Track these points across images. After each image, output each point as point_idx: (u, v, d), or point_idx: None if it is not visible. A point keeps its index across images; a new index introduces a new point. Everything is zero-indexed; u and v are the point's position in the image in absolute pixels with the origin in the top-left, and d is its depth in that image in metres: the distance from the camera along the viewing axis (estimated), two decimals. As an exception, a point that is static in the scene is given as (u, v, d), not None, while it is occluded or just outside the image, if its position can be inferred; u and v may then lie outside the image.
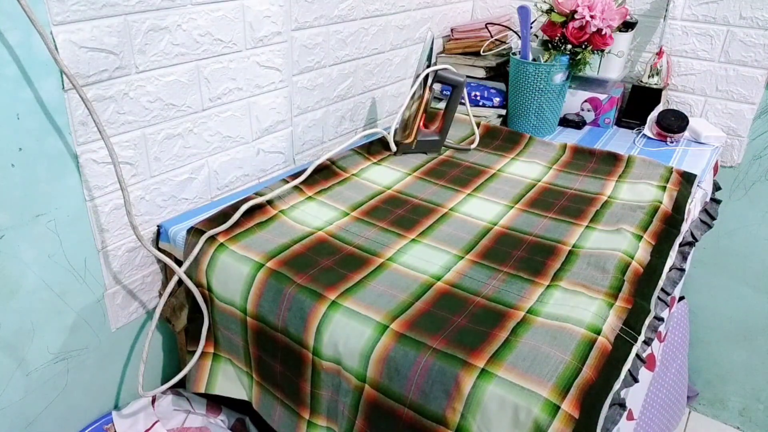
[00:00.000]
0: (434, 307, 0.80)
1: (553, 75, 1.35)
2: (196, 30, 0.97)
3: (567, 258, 0.93)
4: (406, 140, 1.27)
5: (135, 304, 1.03)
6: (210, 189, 1.10)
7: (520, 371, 0.68)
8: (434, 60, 1.47)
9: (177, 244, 0.99)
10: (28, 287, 0.85)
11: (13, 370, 0.87)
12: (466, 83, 1.31)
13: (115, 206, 0.94)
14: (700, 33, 1.47)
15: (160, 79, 0.94)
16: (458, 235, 0.99)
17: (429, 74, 1.23)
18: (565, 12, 1.28)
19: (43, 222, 0.84)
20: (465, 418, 0.68)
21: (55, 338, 0.92)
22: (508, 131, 1.41)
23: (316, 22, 1.20)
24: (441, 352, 0.72)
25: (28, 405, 0.91)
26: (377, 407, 0.76)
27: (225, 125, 1.08)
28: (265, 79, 1.13)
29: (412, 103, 1.25)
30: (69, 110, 0.83)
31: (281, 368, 0.87)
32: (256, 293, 0.86)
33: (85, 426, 1.01)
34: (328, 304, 0.80)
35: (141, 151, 0.95)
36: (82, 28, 0.81)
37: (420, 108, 1.25)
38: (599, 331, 0.75)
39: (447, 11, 1.64)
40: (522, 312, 0.80)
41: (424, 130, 1.30)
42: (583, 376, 0.68)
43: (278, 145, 1.22)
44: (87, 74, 0.84)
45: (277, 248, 0.92)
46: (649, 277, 0.90)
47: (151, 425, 0.99)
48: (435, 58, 1.63)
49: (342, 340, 0.78)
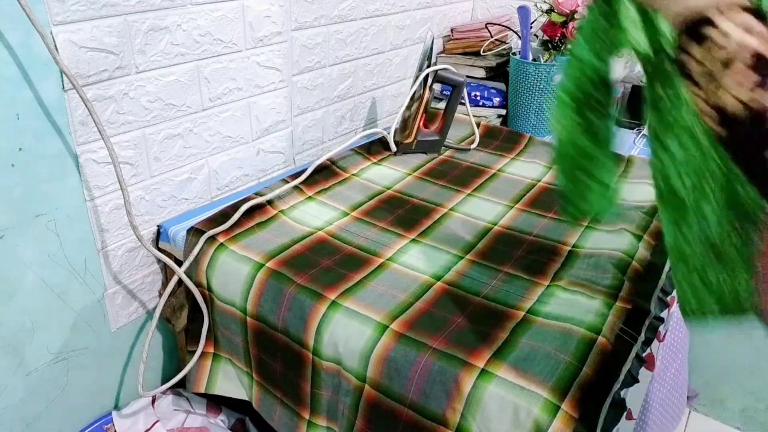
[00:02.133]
0: (434, 307, 0.80)
1: (553, 75, 1.35)
2: (196, 30, 0.96)
3: (567, 258, 0.93)
4: (406, 140, 1.27)
5: (135, 304, 1.03)
6: (210, 189, 1.10)
7: (520, 371, 0.68)
8: (434, 60, 1.47)
9: (177, 244, 0.99)
10: (28, 287, 0.85)
11: (14, 370, 0.87)
12: (466, 83, 1.31)
13: (115, 206, 0.94)
14: (700, 33, 1.47)
15: (160, 79, 0.94)
16: (458, 235, 0.99)
17: (429, 74, 1.23)
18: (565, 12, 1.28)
19: (43, 222, 0.84)
20: (465, 418, 0.68)
21: (55, 338, 0.92)
22: (508, 131, 1.41)
23: (316, 22, 1.20)
24: (441, 352, 0.72)
25: (28, 405, 0.91)
26: (377, 407, 0.76)
27: (225, 125, 1.08)
28: (265, 79, 1.13)
29: (412, 103, 1.25)
30: (69, 110, 0.83)
31: (281, 368, 0.87)
32: (256, 293, 0.86)
33: (85, 426, 1.01)
34: (328, 304, 0.80)
35: (141, 151, 0.95)
36: (82, 28, 0.81)
37: (420, 108, 1.25)
38: (599, 331, 0.75)
39: (447, 11, 1.64)
40: (522, 312, 0.80)
41: (424, 130, 1.30)
42: (582, 376, 0.68)
43: (278, 145, 1.22)
44: (87, 74, 0.84)
45: (277, 248, 0.92)
46: (649, 277, 0.90)
47: (151, 425, 0.99)
48: (435, 58, 1.63)
49: (342, 340, 0.78)
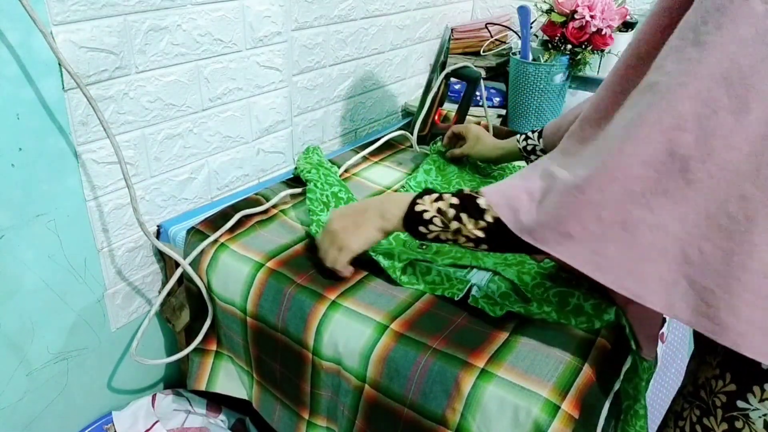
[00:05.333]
0: (434, 307, 0.80)
1: (553, 75, 1.35)
2: (196, 30, 0.96)
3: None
4: (421, 133, 1.30)
5: (135, 304, 1.03)
6: (210, 189, 1.10)
7: (520, 371, 0.68)
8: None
9: (177, 244, 0.99)
10: (28, 287, 0.85)
11: (14, 370, 0.87)
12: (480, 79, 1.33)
13: (115, 206, 0.94)
14: (700, 33, 1.47)
15: (160, 79, 0.94)
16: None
17: (446, 69, 1.25)
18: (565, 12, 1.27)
19: (43, 222, 0.84)
20: (465, 418, 0.68)
21: (55, 338, 0.92)
22: (508, 131, 1.41)
23: (316, 22, 1.20)
24: (441, 352, 0.72)
25: (28, 405, 0.91)
26: (377, 407, 0.76)
27: (225, 125, 1.08)
28: (265, 79, 1.13)
29: (426, 96, 1.26)
30: (69, 110, 0.83)
31: (281, 368, 0.87)
32: (256, 293, 0.86)
33: (85, 426, 1.01)
34: (328, 304, 0.80)
35: (141, 151, 0.95)
36: (82, 28, 0.81)
37: (435, 102, 1.26)
38: (598, 331, 0.75)
39: (447, 11, 1.64)
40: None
41: (439, 125, 1.32)
42: (583, 377, 0.68)
43: (278, 145, 1.22)
44: (87, 74, 0.84)
45: (277, 248, 0.91)
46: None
47: (151, 425, 0.99)
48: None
49: (342, 340, 0.78)
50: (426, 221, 0.72)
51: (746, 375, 0.65)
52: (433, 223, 0.71)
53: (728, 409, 0.68)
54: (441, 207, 0.71)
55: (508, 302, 0.78)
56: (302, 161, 1.12)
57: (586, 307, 0.75)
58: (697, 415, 0.71)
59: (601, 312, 0.74)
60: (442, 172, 1.17)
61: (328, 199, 1.00)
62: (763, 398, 0.64)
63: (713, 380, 0.69)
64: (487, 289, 0.80)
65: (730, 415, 0.67)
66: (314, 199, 0.99)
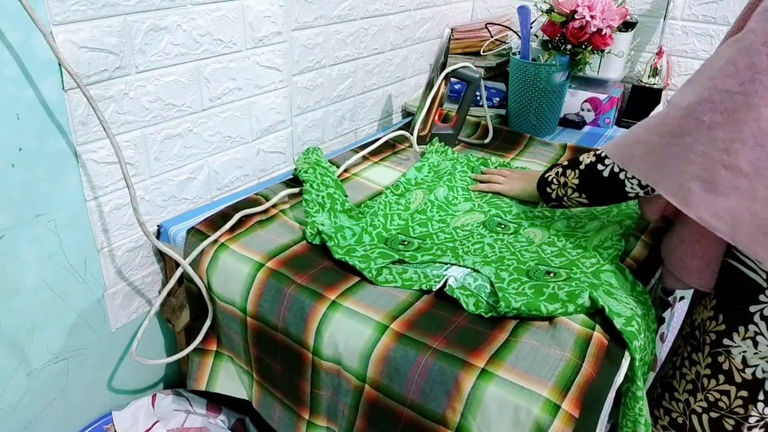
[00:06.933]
0: (434, 307, 0.80)
1: (553, 75, 1.35)
2: (196, 30, 0.97)
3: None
4: (421, 133, 1.29)
5: (135, 304, 1.03)
6: (210, 189, 1.10)
7: (520, 371, 0.68)
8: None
9: (177, 244, 0.99)
10: (28, 287, 0.85)
11: (14, 370, 0.87)
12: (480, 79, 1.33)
13: (115, 206, 0.94)
14: (700, 33, 1.47)
15: (160, 79, 0.94)
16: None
17: (446, 69, 1.25)
18: (565, 12, 1.27)
19: (43, 222, 0.84)
20: (465, 418, 0.68)
21: (55, 338, 0.92)
22: (508, 131, 1.41)
23: (316, 22, 1.20)
24: (441, 352, 0.72)
25: (28, 405, 0.91)
26: (377, 407, 0.76)
27: (225, 125, 1.08)
28: (265, 79, 1.13)
29: (426, 96, 1.26)
30: (69, 110, 0.83)
31: (281, 368, 0.87)
32: (256, 293, 0.86)
33: (85, 426, 1.01)
34: (328, 304, 0.80)
35: (141, 151, 0.95)
36: (82, 28, 0.81)
37: (435, 102, 1.26)
38: (593, 327, 0.75)
39: (447, 11, 1.64)
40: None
41: (439, 124, 1.31)
42: (583, 376, 0.68)
43: (278, 145, 1.22)
44: (87, 74, 0.84)
45: (277, 248, 0.91)
46: (648, 277, 0.90)
47: (151, 425, 0.99)
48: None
49: (342, 340, 0.78)
50: (549, 182, 0.94)
51: (735, 316, 0.78)
52: (552, 183, 0.93)
53: (715, 346, 0.82)
54: (558, 170, 0.92)
55: (484, 294, 0.81)
56: (301, 162, 1.12)
57: (560, 295, 0.78)
58: (688, 351, 0.86)
59: (575, 297, 0.77)
60: (435, 168, 1.17)
61: (323, 201, 1.00)
62: (746, 336, 0.78)
63: (708, 321, 0.82)
64: (463, 281, 0.83)
65: (715, 351, 0.82)
66: (310, 200, 1.00)
